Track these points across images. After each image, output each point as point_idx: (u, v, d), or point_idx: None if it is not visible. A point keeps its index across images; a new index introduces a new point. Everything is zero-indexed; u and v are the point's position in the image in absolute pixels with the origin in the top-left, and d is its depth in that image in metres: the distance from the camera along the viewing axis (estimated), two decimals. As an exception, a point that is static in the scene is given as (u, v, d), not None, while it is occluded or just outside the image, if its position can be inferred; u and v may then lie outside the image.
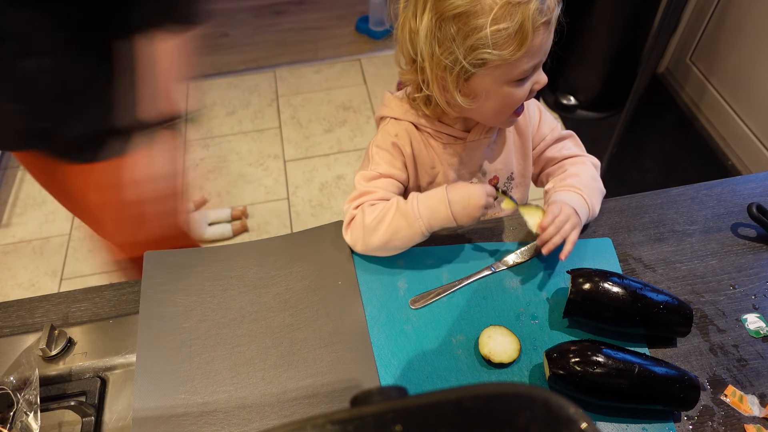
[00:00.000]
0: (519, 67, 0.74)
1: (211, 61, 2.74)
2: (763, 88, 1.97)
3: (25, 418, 0.67)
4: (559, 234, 0.78)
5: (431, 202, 0.80)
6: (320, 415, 0.32)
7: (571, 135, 0.95)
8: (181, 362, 0.75)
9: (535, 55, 0.74)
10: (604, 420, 0.70)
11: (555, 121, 0.96)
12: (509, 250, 0.87)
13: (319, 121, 2.43)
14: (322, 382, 0.74)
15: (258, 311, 0.81)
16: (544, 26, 0.71)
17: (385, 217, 0.80)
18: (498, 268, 0.85)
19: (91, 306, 0.83)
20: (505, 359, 0.74)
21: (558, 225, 0.78)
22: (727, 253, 0.87)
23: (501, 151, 0.92)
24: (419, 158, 0.89)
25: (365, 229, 0.82)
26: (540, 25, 0.70)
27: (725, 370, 0.74)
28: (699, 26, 2.23)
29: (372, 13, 2.72)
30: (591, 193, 0.86)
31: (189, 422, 0.70)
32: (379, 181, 0.86)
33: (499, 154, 0.92)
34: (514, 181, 0.97)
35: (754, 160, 2.07)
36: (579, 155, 0.93)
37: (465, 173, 0.92)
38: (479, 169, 0.92)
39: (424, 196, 0.81)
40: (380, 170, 0.86)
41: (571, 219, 0.79)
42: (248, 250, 0.89)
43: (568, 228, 0.79)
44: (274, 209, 2.11)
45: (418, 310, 0.81)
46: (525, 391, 0.33)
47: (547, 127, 0.94)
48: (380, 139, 0.88)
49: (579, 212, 0.81)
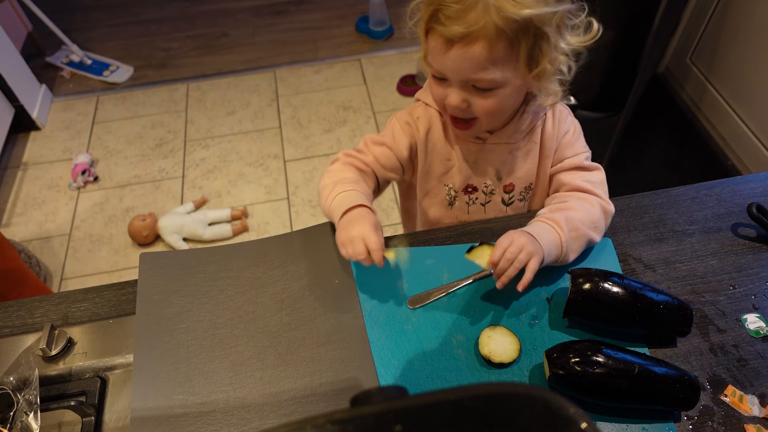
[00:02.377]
0: (429, 59, 0.75)
1: (211, 61, 2.74)
2: (763, 88, 1.97)
3: (25, 418, 0.66)
4: (512, 266, 0.72)
5: (335, 206, 0.82)
6: (320, 415, 0.32)
7: (597, 168, 0.88)
8: (178, 363, 0.75)
9: (433, 59, 0.74)
10: (604, 420, 0.70)
11: (585, 149, 0.89)
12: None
13: (319, 121, 2.43)
14: (321, 382, 0.74)
15: (255, 311, 0.81)
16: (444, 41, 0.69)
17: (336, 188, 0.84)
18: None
19: (91, 306, 0.83)
20: (505, 359, 0.73)
21: (510, 257, 0.72)
22: (727, 253, 0.87)
23: (524, 160, 0.89)
24: (435, 147, 0.90)
25: (326, 174, 0.89)
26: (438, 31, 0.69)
27: (725, 370, 0.74)
28: (699, 26, 2.23)
29: (372, 13, 2.71)
30: (575, 236, 0.79)
31: (187, 423, 0.70)
32: (380, 148, 0.91)
33: (522, 162, 0.89)
34: (531, 192, 0.94)
35: (754, 160, 2.06)
36: (592, 192, 0.84)
37: (477, 174, 0.91)
38: (495, 174, 0.91)
39: (344, 196, 0.82)
40: (386, 140, 0.91)
41: (525, 248, 0.73)
42: (245, 250, 0.88)
43: (523, 257, 0.72)
44: (274, 209, 2.11)
45: (418, 310, 0.81)
46: (525, 391, 0.33)
47: (570, 151, 0.88)
48: (401, 114, 0.92)
49: (541, 242, 0.75)
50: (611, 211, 0.85)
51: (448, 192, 0.95)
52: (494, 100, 0.75)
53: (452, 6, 0.68)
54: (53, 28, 2.51)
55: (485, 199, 0.95)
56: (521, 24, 0.67)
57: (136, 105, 2.54)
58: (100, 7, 3.05)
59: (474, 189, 0.93)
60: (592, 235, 0.81)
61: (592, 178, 0.86)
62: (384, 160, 0.90)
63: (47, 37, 2.66)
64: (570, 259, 0.80)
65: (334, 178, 0.87)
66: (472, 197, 0.95)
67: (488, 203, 0.95)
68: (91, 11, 3.03)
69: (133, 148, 2.36)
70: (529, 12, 0.66)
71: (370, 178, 0.91)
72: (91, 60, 2.70)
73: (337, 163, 0.91)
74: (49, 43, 2.71)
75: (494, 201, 0.95)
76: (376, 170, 0.91)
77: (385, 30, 2.76)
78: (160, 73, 2.69)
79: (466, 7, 0.67)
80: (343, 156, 0.92)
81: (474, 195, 0.94)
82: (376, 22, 2.74)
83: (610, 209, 0.85)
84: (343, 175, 0.87)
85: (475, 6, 0.67)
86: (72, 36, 2.69)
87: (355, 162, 0.90)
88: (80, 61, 2.67)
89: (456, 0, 0.67)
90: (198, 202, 2.11)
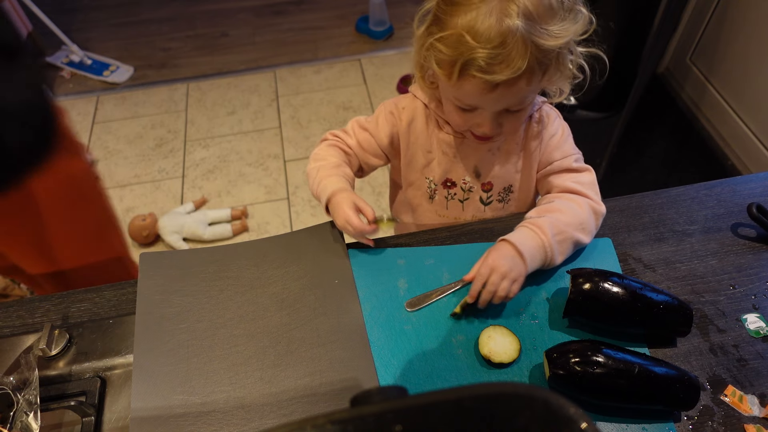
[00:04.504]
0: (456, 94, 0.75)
1: (211, 61, 2.74)
2: (763, 88, 1.97)
3: (25, 418, 0.66)
4: (496, 296, 0.75)
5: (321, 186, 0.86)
6: (320, 415, 0.32)
7: (587, 169, 0.88)
8: (178, 363, 0.75)
9: (469, 98, 0.75)
10: (604, 420, 0.70)
11: (575, 150, 0.89)
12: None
13: (319, 121, 2.43)
14: (321, 382, 0.74)
15: (255, 311, 0.81)
16: (486, 84, 0.69)
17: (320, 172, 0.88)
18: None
19: (91, 306, 0.83)
20: (505, 359, 0.73)
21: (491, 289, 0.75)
22: (727, 253, 0.87)
23: (504, 161, 0.90)
24: (417, 137, 0.92)
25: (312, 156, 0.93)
26: (478, 77, 0.68)
27: (725, 370, 0.74)
28: (699, 26, 2.23)
29: (372, 13, 2.71)
30: (560, 239, 0.79)
31: (188, 423, 0.70)
32: (364, 133, 0.94)
33: (501, 163, 0.90)
34: (513, 195, 0.95)
35: (754, 160, 2.06)
36: (581, 193, 0.84)
37: (457, 169, 0.92)
38: (473, 171, 0.92)
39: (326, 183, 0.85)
40: (369, 126, 0.94)
41: (507, 276, 0.74)
42: (244, 250, 0.88)
43: (506, 285, 0.74)
44: (274, 209, 2.11)
45: (419, 310, 0.81)
46: (525, 391, 0.33)
47: (558, 153, 0.88)
48: (388, 103, 0.95)
49: (523, 252, 0.76)
50: (602, 211, 0.84)
51: (429, 184, 0.96)
52: (523, 114, 0.80)
53: (493, 51, 0.67)
54: (53, 28, 2.51)
55: (464, 195, 0.96)
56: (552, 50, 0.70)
57: (136, 105, 2.54)
58: (99, 7, 3.05)
59: (453, 184, 0.95)
60: (579, 237, 0.81)
61: (582, 180, 0.86)
62: (366, 146, 0.94)
63: (47, 37, 2.66)
64: (557, 262, 0.80)
65: (318, 161, 0.91)
66: (450, 192, 0.96)
67: (466, 200, 0.96)
68: (90, 11, 3.03)
69: (133, 148, 2.36)
70: (563, 41, 0.69)
71: (354, 160, 0.95)
72: (91, 60, 2.70)
73: (324, 143, 0.95)
74: (49, 43, 2.71)
75: (473, 199, 0.96)
76: (358, 154, 0.95)
77: (385, 30, 2.76)
78: (160, 73, 2.69)
79: (508, 50, 0.66)
80: (330, 136, 0.95)
81: (453, 190, 0.95)
82: (376, 22, 2.74)
83: (601, 210, 0.84)
84: (327, 159, 0.91)
85: (516, 46, 0.66)
86: (72, 36, 2.69)
87: (340, 143, 0.94)
88: (80, 61, 2.67)
89: (495, 44, 0.66)
90: (198, 202, 2.11)
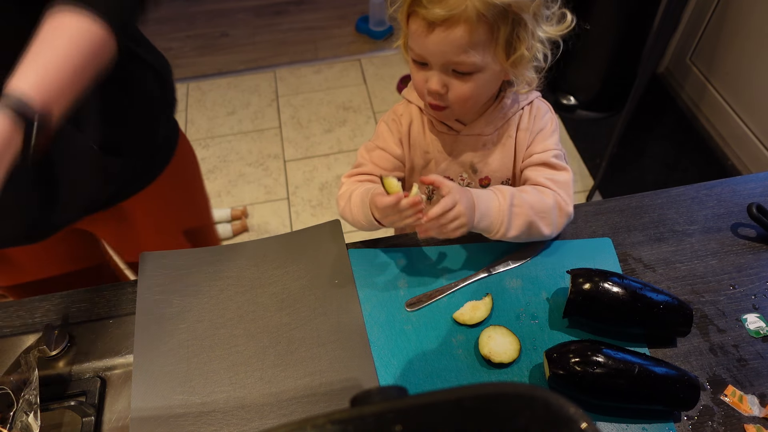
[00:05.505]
0: (410, 43, 0.76)
1: (211, 61, 2.74)
2: (763, 88, 1.97)
3: (25, 418, 0.66)
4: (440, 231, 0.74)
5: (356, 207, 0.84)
6: (320, 415, 0.32)
7: (564, 168, 0.85)
8: (178, 363, 0.75)
9: (414, 43, 0.76)
10: (604, 420, 0.70)
11: (557, 147, 0.87)
12: (509, 250, 0.87)
13: (319, 121, 2.43)
14: (321, 381, 0.74)
15: (255, 311, 0.81)
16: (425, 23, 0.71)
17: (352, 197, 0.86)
18: (496, 270, 0.85)
19: (91, 306, 0.83)
20: (505, 359, 0.73)
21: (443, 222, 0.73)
22: (727, 253, 0.87)
23: (499, 154, 0.90)
24: (416, 140, 0.92)
25: (339, 200, 0.90)
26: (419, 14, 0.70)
27: (725, 370, 0.74)
28: (699, 26, 2.23)
29: (372, 13, 2.71)
30: (517, 212, 0.78)
31: (188, 423, 0.70)
32: (375, 152, 0.92)
33: (496, 156, 0.90)
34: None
35: (754, 160, 2.06)
36: (551, 189, 0.82)
37: (454, 166, 0.92)
38: (470, 166, 0.92)
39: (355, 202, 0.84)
40: (378, 143, 0.92)
41: (459, 218, 0.73)
42: (244, 250, 0.88)
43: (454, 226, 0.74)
44: (274, 209, 2.11)
45: (419, 310, 0.81)
46: (525, 391, 0.33)
47: (540, 147, 0.86)
48: (386, 115, 0.94)
49: (477, 205, 0.76)
50: (568, 211, 0.82)
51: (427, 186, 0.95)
52: (472, 85, 0.76)
53: None
54: (53, 28, 2.51)
55: None
56: (500, 9, 0.69)
57: (136, 105, 2.54)
58: (100, 7, 3.05)
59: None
60: (538, 222, 0.79)
61: (557, 177, 0.84)
62: (383, 163, 0.92)
63: (47, 37, 2.66)
64: (509, 235, 0.79)
65: (344, 199, 0.88)
66: None
67: None
68: (91, 11, 3.03)
69: (133, 148, 2.35)
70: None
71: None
72: (91, 60, 2.70)
73: (343, 186, 0.92)
74: (49, 43, 2.71)
75: None
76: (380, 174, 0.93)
77: (385, 30, 2.76)
78: (160, 73, 2.69)
79: None
80: (345, 179, 0.93)
81: None
82: (376, 22, 2.74)
83: (567, 209, 0.82)
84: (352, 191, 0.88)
85: None
86: (72, 36, 2.68)
87: (358, 177, 0.92)
88: (80, 61, 2.66)
89: None
90: (198, 202, 2.11)
